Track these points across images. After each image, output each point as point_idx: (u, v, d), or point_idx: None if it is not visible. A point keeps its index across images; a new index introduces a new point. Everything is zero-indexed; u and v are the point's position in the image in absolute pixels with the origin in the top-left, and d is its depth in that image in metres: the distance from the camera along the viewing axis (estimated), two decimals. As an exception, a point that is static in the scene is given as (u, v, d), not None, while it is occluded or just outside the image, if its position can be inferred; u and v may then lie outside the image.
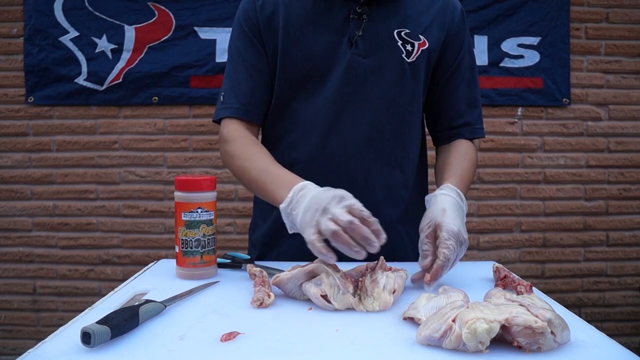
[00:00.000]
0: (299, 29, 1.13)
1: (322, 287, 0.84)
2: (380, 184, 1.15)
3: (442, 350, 0.67)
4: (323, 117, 1.13)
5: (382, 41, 1.12)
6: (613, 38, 2.59)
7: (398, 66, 1.13)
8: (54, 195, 2.55)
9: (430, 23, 1.16)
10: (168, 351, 0.68)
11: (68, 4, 2.46)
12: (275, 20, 1.14)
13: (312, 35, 1.12)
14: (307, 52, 1.12)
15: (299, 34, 1.13)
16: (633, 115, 2.62)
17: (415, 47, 1.13)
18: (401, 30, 1.13)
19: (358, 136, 1.13)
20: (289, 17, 1.13)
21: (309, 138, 1.14)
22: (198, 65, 2.47)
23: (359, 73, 1.12)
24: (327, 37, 1.12)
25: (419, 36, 1.14)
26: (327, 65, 1.12)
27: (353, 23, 1.12)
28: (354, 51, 1.11)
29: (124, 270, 2.56)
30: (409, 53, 1.13)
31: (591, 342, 0.71)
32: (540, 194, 2.62)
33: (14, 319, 2.57)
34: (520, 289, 0.88)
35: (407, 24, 1.14)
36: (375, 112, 1.13)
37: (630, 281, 2.65)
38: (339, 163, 1.13)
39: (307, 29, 1.12)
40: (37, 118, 2.52)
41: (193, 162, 2.56)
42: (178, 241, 0.99)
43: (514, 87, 2.56)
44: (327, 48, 1.12)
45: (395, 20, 1.13)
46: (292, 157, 1.15)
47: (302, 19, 1.13)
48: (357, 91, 1.12)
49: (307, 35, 1.12)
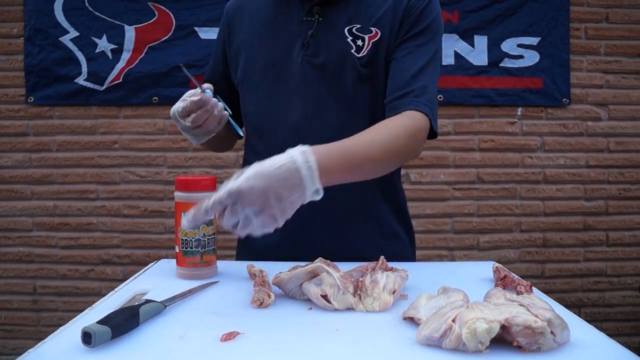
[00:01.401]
0: (260, 34, 1.16)
1: (322, 287, 0.84)
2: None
3: (442, 350, 0.67)
4: (283, 120, 1.14)
5: (332, 40, 1.12)
6: (613, 38, 2.59)
7: (349, 62, 1.12)
8: (54, 195, 2.55)
9: (384, 12, 1.13)
10: (168, 351, 0.68)
11: (68, 4, 2.46)
12: (239, 25, 1.19)
13: (272, 40, 1.15)
14: (264, 58, 1.15)
15: (260, 39, 1.16)
16: (633, 115, 2.62)
17: (366, 41, 1.12)
18: (352, 27, 1.13)
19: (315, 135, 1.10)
20: (252, 22, 1.18)
21: (273, 144, 1.12)
22: (198, 65, 2.47)
23: (312, 74, 1.12)
24: (284, 41, 1.14)
25: (370, 29, 1.12)
26: (283, 68, 1.14)
27: (307, 24, 1.13)
28: (305, 52, 1.13)
29: (124, 270, 2.56)
30: (359, 48, 1.12)
31: (591, 342, 0.71)
32: (540, 194, 2.62)
33: (14, 319, 2.57)
34: (520, 289, 0.88)
35: (358, 19, 1.13)
36: (331, 111, 1.13)
37: (630, 281, 2.65)
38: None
39: (266, 35, 1.16)
40: (37, 118, 2.52)
41: (193, 162, 2.56)
42: (178, 241, 0.99)
43: (514, 87, 2.56)
44: (284, 52, 1.14)
45: (346, 18, 1.13)
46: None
47: (263, 25, 1.17)
48: (312, 92, 1.13)
49: (267, 40, 1.15)
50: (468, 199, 2.61)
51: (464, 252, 2.61)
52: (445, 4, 2.41)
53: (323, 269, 0.87)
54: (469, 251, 2.61)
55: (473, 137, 2.58)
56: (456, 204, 2.60)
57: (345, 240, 1.15)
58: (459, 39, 2.51)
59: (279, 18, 1.16)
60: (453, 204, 2.60)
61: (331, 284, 0.84)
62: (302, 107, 1.13)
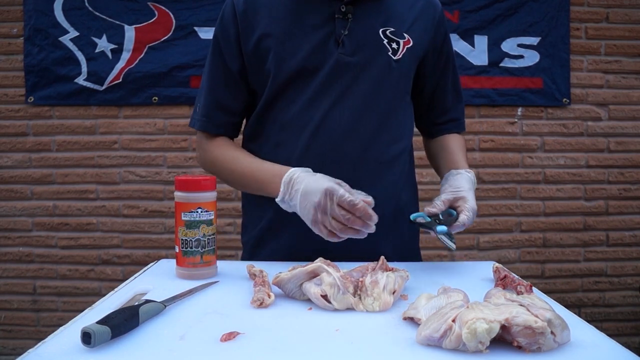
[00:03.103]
0: (284, 31, 1.13)
1: (322, 287, 0.84)
2: (370, 182, 1.15)
3: (442, 350, 0.67)
4: (311, 116, 1.13)
5: (369, 40, 1.13)
6: (613, 38, 2.59)
7: (385, 64, 1.14)
8: (54, 195, 2.55)
9: (413, 21, 1.17)
10: (168, 351, 0.68)
11: (68, 4, 2.46)
12: (258, 25, 1.14)
13: (298, 37, 1.13)
14: (293, 53, 1.13)
15: (284, 36, 1.13)
16: (633, 115, 2.62)
17: (401, 45, 1.15)
18: (386, 29, 1.14)
19: (346, 135, 1.13)
20: (272, 20, 1.14)
21: (296, 138, 1.14)
22: (198, 65, 2.47)
23: (347, 72, 1.12)
24: (312, 38, 1.12)
25: (404, 34, 1.15)
26: (314, 65, 1.13)
27: (338, 22, 1.12)
28: (340, 50, 1.12)
29: (124, 270, 2.56)
30: (394, 51, 1.14)
31: (591, 342, 0.71)
32: (540, 194, 2.62)
33: (14, 319, 2.57)
34: (520, 289, 0.88)
35: (391, 23, 1.15)
36: (363, 110, 1.13)
37: (630, 281, 2.65)
38: (327, 161, 1.12)
39: (292, 31, 1.13)
40: (37, 118, 2.52)
41: (193, 162, 2.56)
42: (178, 241, 0.99)
43: (514, 87, 2.56)
44: (313, 48, 1.12)
45: (379, 19, 1.14)
46: (281, 157, 1.15)
47: (285, 21, 1.13)
48: (345, 90, 1.13)
49: (292, 37, 1.13)
50: (468, 199, 2.60)
51: (464, 252, 2.61)
52: (445, 4, 2.40)
53: (323, 269, 0.87)
54: (469, 251, 2.61)
55: (473, 137, 2.58)
56: (456, 204, 2.60)
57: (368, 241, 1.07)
58: (459, 38, 2.51)
59: (302, 13, 1.13)
60: (453, 204, 2.60)
61: (331, 283, 0.84)
62: (330, 105, 1.12)
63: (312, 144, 1.13)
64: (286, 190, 1.03)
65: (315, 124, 1.12)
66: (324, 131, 1.12)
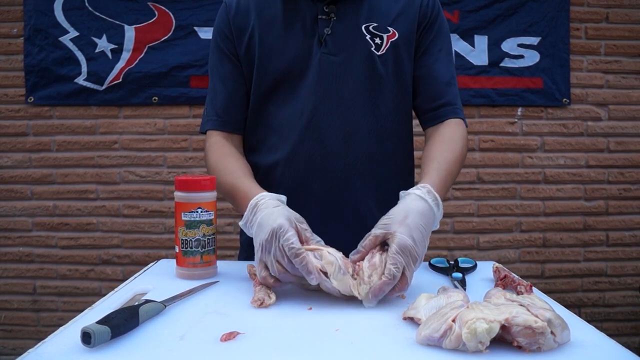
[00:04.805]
0: (271, 34, 1.15)
1: (322, 262, 0.84)
2: (361, 180, 1.15)
3: (442, 350, 0.67)
4: (299, 118, 1.14)
5: (351, 37, 1.13)
6: (613, 38, 2.59)
7: (368, 60, 1.13)
8: (54, 195, 2.55)
9: (399, 14, 1.16)
10: (168, 351, 0.68)
11: (68, 4, 2.46)
12: (248, 27, 1.16)
13: (285, 39, 1.14)
14: (280, 56, 1.14)
15: (272, 39, 1.14)
16: (633, 115, 2.62)
17: (384, 40, 1.14)
18: (369, 25, 1.14)
19: (335, 134, 1.13)
20: (261, 23, 1.15)
21: (286, 140, 1.15)
22: (198, 65, 2.47)
23: (331, 71, 1.13)
24: (298, 40, 1.14)
25: (388, 28, 1.15)
26: (300, 67, 1.13)
27: (322, 23, 1.13)
28: (323, 50, 1.13)
29: (124, 270, 2.56)
30: (378, 46, 1.14)
31: (591, 342, 0.71)
32: (540, 194, 2.62)
33: (14, 319, 2.57)
34: (520, 289, 0.88)
35: (374, 18, 1.15)
36: (350, 108, 1.14)
37: (630, 281, 2.65)
38: (317, 161, 1.13)
39: (279, 33, 1.14)
40: (37, 118, 2.52)
41: (193, 162, 2.56)
42: (178, 241, 0.99)
43: (514, 87, 2.56)
44: (299, 50, 1.13)
45: (362, 16, 1.14)
46: (272, 160, 1.16)
47: (274, 24, 1.15)
48: (331, 89, 1.13)
49: (279, 40, 1.14)
50: (468, 199, 2.61)
51: (464, 252, 2.61)
52: (445, 4, 2.41)
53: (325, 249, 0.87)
54: (469, 251, 2.61)
55: (473, 137, 2.58)
56: (456, 204, 2.60)
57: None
58: (459, 38, 2.51)
59: (289, 15, 1.14)
60: (453, 204, 2.60)
61: (331, 262, 0.84)
62: (317, 104, 1.13)
63: (301, 144, 1.13)
64: (249, 215, 0.95)
65: (303, 124, 1.13)
66: (312, 131, 1.13)
